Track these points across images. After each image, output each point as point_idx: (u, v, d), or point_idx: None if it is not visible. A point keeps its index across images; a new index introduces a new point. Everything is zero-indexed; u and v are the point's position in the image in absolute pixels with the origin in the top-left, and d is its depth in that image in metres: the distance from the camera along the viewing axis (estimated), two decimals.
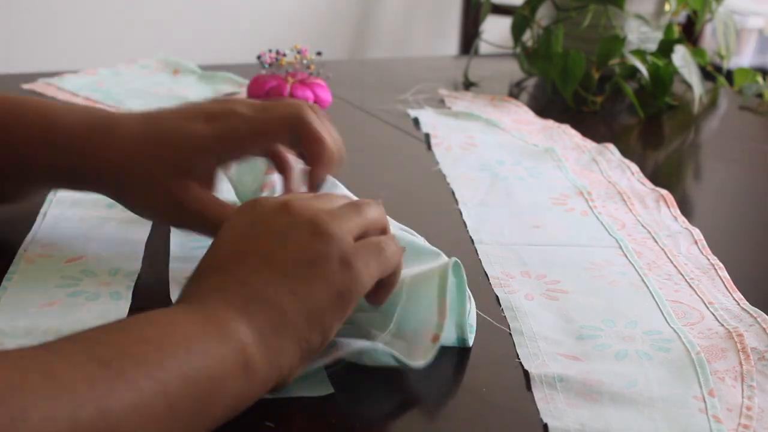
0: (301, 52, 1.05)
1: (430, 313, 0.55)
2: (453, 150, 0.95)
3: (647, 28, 1.18)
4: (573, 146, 0.98)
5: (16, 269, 0.65)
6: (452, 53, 2.98)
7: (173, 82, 1.12)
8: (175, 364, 0.44)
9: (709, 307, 0.64)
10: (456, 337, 0.58)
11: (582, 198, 0.83)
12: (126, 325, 0.47)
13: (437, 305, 0.55)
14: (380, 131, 1.02)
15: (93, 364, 0.42)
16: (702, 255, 0.73)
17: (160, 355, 0.44)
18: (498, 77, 1.27)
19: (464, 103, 1.12)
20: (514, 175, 0.89)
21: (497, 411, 0.53)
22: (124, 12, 2.56)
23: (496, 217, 0.79)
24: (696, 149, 1.11)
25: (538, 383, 0.55)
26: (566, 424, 0.51)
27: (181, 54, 1.27)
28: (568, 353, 0.58)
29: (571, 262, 0.70)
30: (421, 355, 0.54)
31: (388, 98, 1.12)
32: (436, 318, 0.55)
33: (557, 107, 1.15)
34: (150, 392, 0.42)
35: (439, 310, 0.55)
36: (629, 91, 1.14)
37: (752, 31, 2.86)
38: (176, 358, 0.44)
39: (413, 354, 0.54)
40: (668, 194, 0.84)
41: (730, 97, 1.26)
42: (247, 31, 2.69)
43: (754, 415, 0.52)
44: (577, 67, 1.11)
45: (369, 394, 0.54)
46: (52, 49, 2.45)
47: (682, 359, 0.57)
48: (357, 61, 1.78)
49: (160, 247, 0.69)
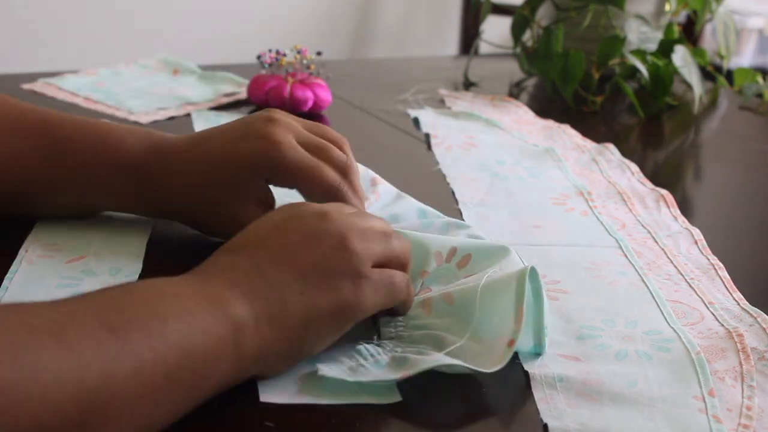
0: (301, 52, 1.05)
1: (507, 319, 0.56)
2: (453, 150, 0.95)
3: (647, 28, 1.18)
4: (573, 146, 0.98)
5: (17, 269, 0.65)
6: (452, 53, 2.98)
7: (173, 82, 1.12)
8: (176, 338, 0.47)
9: (709, 307, 0.64)
10: (533, 344, 0.58)
11: (582, 198, 0.83)
12: (135, 291, 0.49)
13: (514, 312, 0.56)
14: (380, 131, 1.02)
15: (102, 330, 0.44)
16: (702, 255, 0.73)
17: (164, 328, 0.46)
18: (498, 77, 1.27)
19: (464, 103, 1.12)
20: (514, 175, 0.89)
21: (497, 411, 0.53)
22: (124, 12, 2.56)
23: (496, 217, 0.79)
24: (696, 149, 1.11)
25: (538, 383, 0.55)
26: (566, 424, 0.51)
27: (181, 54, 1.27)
28: (568, 353, 0.58)
29: (571, 262, 0.70)
30: (496, 360, 0.54)
31: (388, 98, 1.12)
32: (512, 324, 0.55)
33: (557, 107, 1.15)
34: (151, 362, 0.45)
35: (515, 317, 0.55)
36: (629, 91, 1.14)
37: (752, 31, 2.86)
38: (177, 332, 0.47)
39: (489, 359, 0.54)
40: (668, 194, 0.84)
41: (730, 97, 1.26)
42: (247, 31, 2.69)
43: (754, 415, 0.52)
44: (577, 67, 1.11)
45: None
46: (52, 49, 2.45)
47: (682, 359, 0.57)
48: (357, 61, 1.78)
49: (161, 247, 0.69)
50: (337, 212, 0.56)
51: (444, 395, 0.54)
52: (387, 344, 0.56)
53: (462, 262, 0.64)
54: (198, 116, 1.01)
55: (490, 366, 0.54)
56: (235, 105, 1.06)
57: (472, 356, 0.55)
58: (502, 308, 0.56)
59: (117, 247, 0.69)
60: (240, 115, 0.99)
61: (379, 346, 0.56)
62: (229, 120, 0.70)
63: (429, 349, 0.55)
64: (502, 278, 0.58)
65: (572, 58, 1.12)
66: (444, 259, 0.64)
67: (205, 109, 1.03)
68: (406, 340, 0.57)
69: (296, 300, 0.51)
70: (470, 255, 0.64)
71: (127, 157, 0.67)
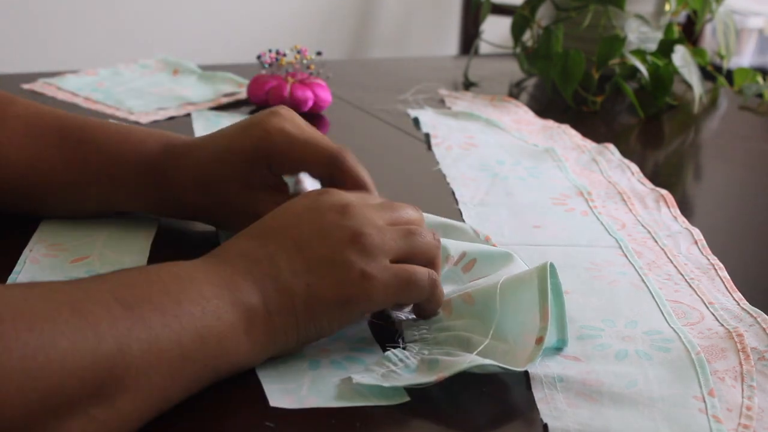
0: (301, 52, 1.05)
1: (532, 316, 0.56)
2: (453, 150, 0.95)
3: (647, 28, 1.18)
4: (573, 146, 0.98)
5: (21, 269, 0.65)
6: (452, 53, 2.98)
7: (173, 82, 1.12)
8: (190, 321, 0.49)
9: (709, 307, 0.64)
10: (556, 339, 0.58)
11: (582, 198, 0.83)
12: (151, 272, 0.51)
13: (539, 309, 0.56)
14: (380, 131, 1.02)
15: (117, 305, 0.46)
16: (702, 255, 0.73)
17: (178, 310, 0.48)
18: (498, 77, 1.27)
19: (464, 103, 1.12)
20: (514, 175, 0.89)
21: (497, 411, 0.53)
22: (124, 12, 2.56)
23: (496, 217, 0.79)
24: (696, 149, 1.11)
25: (538, 383, 0.55)
26: (566, 424, 0.51)
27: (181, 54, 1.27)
28: (568, 353, 0.58)
29: (571, 262, 0.70)
30: (526, 359, 0.54)
31: (388, 98, 1.12)
32: (539, 321, 0.55)
33: (557, 107, 1.15)
34: (165, 339, 0.47)
35: (541, 314, 0.55)
36: (629, 91, 1.14)
37: (752, 31, 2.87)
38: (192, 315, 0.49)
39: (517, 357, 0.54)
40: (668, 194, 0.84)
41: (730, 97, 1.26)
42: (247, 31, 2.69)
43: (754, 415, 0.52)
44: (577, 67, 1.11)
45: None
46: (52, 49, 2.45)
47: (682, 359, 0.57)
48: (357, 61, 1.78)
49: (166, 247, 0.69)
50: (358, 206, 0.57)
51: (444, 395, 0.53)
52: (413, 347, 0.56)
53: (467, 266, 0.65)
54: (198, 116, 1.01)
55: (521, 364, 0.54)
56: (235, 105, 1.06)
57: (502, 355, 0.55)
58: (525, 306, 0.56)
59: (121, 247, 0.69)
60: (240, 116, 0.99)
61: (405, 350, 0.56)
62: (230, 120, 0.71)
63: (456, 351, 0.55)
64: (521, 276, 0.58)
65: (572, 58, 1.12)
66: (452, 263, 0.65)
67: (205, 109, 1.03)
68: (431, 342, 0.57)
69: (303, 291, 0.53)
70: (475, 260, 0.64)
71: (147, 157, 0.69)
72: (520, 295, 0.57)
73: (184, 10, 2.63)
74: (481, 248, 0.66)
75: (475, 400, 0.54)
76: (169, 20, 2.62)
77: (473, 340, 0.56)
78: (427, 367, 0.54)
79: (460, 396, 0.54)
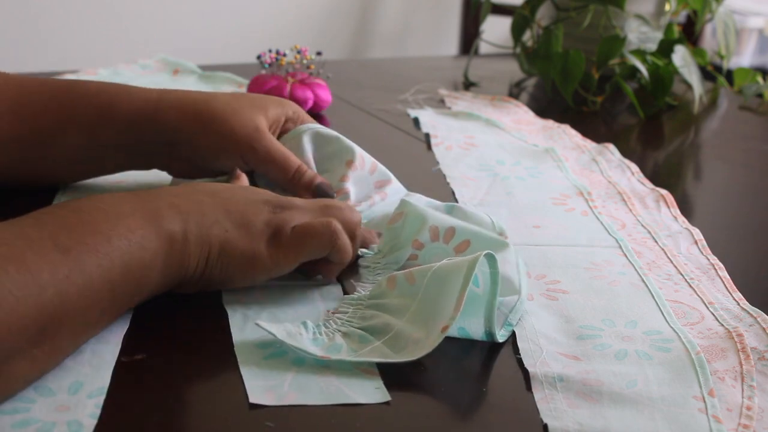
0: (301, 52, 1.05)
1: (450, 303, 0.56)
2: (453, 150, 0.95)
3: (647, 28, 1.18)
4: (573, 146, 0.98)
5: None
6: (452, 53, 2.98)
7: (173, 82, 1.12)
8: (118, 255, 0.54)
9: (709, 307, 0.64)
10: (483, 331, 0.58)
11: (582, 198, 0.83)
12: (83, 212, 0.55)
13: (456, 297, 0.56)
14: (380, 131, 1.02)
15: (56, 252, 0.51)
16: (702, 255, 0.73)
17: (108, 247, 0.53)
18: (498, 77, 1.27)
19: (464, 103, 1.12)
20: (514, 175, 0.89)
21: (497, 411, 0.53)
22: (124, 12, 2.56)
23: (496, 217, 0.78)
24: (696, 149, 1.11)
25: (538, 383, 0.55)
26: (566, 424, 0.51)
27: (181, 54, 1.27)
28: (568, 353, 0.58)
29: (571, 262, 0.70)
30: (428, 345, 0.55)
31: (388, 98, 1.12)
32: (451, 310, 0.55)
33: (557, 107, 1.15)
34: (98, 278, 0.52)
35: (456, 303, 0.55)
36: (629, 91, 1.14)
37: (752, 31, 2.87)
38: (119, 249, 0.54)
39: (426, 345, 0.55)
40: (668, 194, 0.84)
41: (730, 97, 1.26)
42: (247, 31, 2.69)
43: (754, 415, 0.52)
44: (577, 67, 1.11)
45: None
46: (53, 49, 2.45)
47: (682, 359, 0.57)
48: (357, 61, 1.78)
49: None
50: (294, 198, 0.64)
51: (444, 395, 0.54)
52: (337, 320, 0.58)
53: (461, 246, 0.65)
54: None
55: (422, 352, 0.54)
56: None
57: (413, 343, 0.55)
58: (449, 292, 0.56)
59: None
60: None
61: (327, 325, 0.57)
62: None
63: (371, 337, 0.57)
64: (457, 262, 0.58)
65: (572, 58, 1.12)
66: (441, 239, 0.65)
67: None
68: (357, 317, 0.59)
69: (220, 234, 0.59)
70: (469, 241, 0.64)
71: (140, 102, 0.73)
72: (448, 282, 0.57)
73: (184, 10, 2.63)
74: (477, 231, 0.66)
75: (475, 400, 0.54)
76: (169, 20, 2.62)
77: (391, 325, 0.57)
78: (327, 348, 0.55)
79: (460, 396, 0.54)
